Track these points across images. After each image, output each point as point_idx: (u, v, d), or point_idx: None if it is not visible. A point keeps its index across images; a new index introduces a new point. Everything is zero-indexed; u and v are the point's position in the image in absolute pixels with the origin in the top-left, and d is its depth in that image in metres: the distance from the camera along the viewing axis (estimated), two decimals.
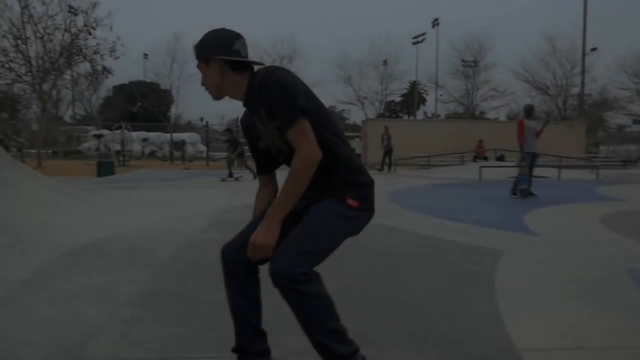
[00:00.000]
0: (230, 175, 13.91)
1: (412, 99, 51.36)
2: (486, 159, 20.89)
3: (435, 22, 44.17)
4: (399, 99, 57.31)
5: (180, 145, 28.47)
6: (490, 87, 44.15)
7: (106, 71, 23.33)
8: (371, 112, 46.71)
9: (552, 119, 19.64)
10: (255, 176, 10.03)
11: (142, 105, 44.04)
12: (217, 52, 1.81)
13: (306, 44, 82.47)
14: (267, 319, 2.04)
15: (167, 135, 32.35)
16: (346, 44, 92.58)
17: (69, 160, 26.98)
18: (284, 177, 1.78)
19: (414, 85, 50.47)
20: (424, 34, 44.88)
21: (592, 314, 2.86)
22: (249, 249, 1.76)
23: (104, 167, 15.27)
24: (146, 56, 40.14)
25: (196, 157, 29.90)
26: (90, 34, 21.35)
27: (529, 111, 9.52)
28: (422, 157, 20.57)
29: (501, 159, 20.50)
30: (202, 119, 52.14)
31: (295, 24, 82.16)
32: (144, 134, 33.37)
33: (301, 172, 1.73)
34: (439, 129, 26.73)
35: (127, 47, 22.56)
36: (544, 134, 9.33)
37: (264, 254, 1.75)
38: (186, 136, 31.38)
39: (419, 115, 53.29)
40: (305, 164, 1.72)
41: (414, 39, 45.58)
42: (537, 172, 10.06)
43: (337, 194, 1.85)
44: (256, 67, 1.91)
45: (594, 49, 35.44)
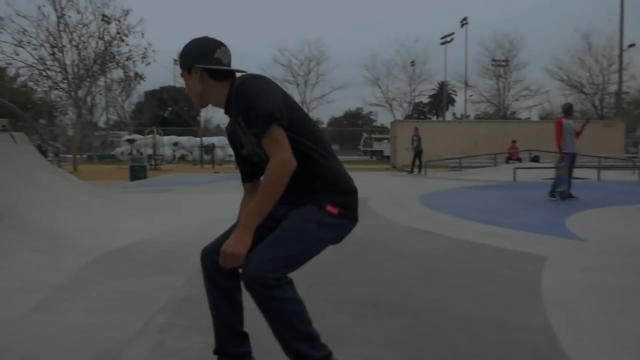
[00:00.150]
0: None
1: (441, 99, 50.65)
2: (520, 160, 20.32)
3: (464, 22, 43.51)
4: (427, 100, 56.68)
5: (210, 148, 28.78)
6: (522, 87, 43.18)
7: (138, 77, 23.76)
8: (399, 114, 46.33)
9: (592, 119, 18.86)
10: None
11: (173, 110, 44.91)
12: (198, 61, 1.84)
13: (334, 47, 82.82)
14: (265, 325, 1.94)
15: (197, 139, 32.81)
16: (374, 45, 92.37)
17: (103, 164, 27.65)
18: None
19: (443, 85, 49.78)
20: (452, 34, 44.28)
21: None
22: (220, 257, 1.79)
23: (137, 171, 15.52)
24: (176, 62, 40.94)
25: (225, 160, 30.21)
26: (122, 41, 21.79)
27: (568, 110, 9.17)
28: (454, 159, 20.17)
29: (536, 160, 19.91)
30: None
31: (322, 27, 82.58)
32: (174, 138, 33.98)
33: (274, 181, 1.73)
34: (470, 130, 26.19)
35: (158, 53, 22.94)
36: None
37: (235, 262, 1.77)
38: (215, 140, 31.68)
39: (448, 116, 52.55)
40: (277, 173, 1.72)
41: (442, 39, 45.00)
42: (575, 173, 9.67)
43: (317, 200, 1.84)
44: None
45: (632, 45, 34.18)
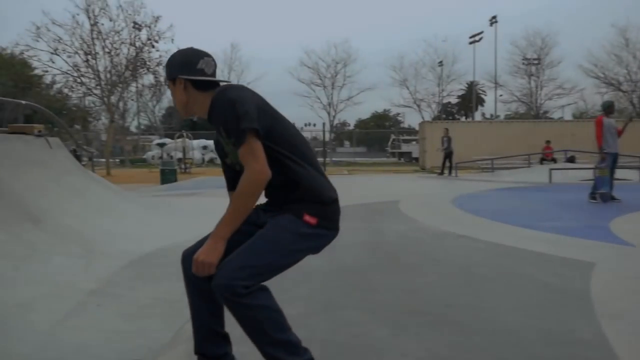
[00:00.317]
0: None
1: (470, 100, 49.74)
2: (554, 160, 19.65)
3: (493, 20, 42.64)
4: (455, 101, 55.76)
5: None
6: (555, 85, 41.94)
7: None
8: (428, 115, 45.74)
9: (634, 118, 18.03)
10: None
11: None
12: (181, 72, 1.87)
13: (361, 48, 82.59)
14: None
15: None
16: (401, 46, 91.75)
17: (135, 168, 28.23)
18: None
19: (472, 85, 48.88)
20: (481, 33, 43.46)
21: None
22: (193, 265, 1.78)
23: (167, 175, 15.71)
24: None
25: None
26: (153, 47, 22.17)
27: (608, 108, 8.77)
28: (486, 160, 19.68)
29: (572, 160, 19.23)
30: None
31: (349, 29, 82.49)
32: (203, 142, 34.40)
33: (246, 192, 1.74)
34: (501, 130, 25.51)
35: None
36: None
37: (207, 271, 1.77)
38: None
39: (477, 116, 51.53)
40: (251, 183, 1.73)
41: (471, 38, 44.22)
42: (616, 174, 9.23)
43: (295, 209, 1.84)
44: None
45: None
